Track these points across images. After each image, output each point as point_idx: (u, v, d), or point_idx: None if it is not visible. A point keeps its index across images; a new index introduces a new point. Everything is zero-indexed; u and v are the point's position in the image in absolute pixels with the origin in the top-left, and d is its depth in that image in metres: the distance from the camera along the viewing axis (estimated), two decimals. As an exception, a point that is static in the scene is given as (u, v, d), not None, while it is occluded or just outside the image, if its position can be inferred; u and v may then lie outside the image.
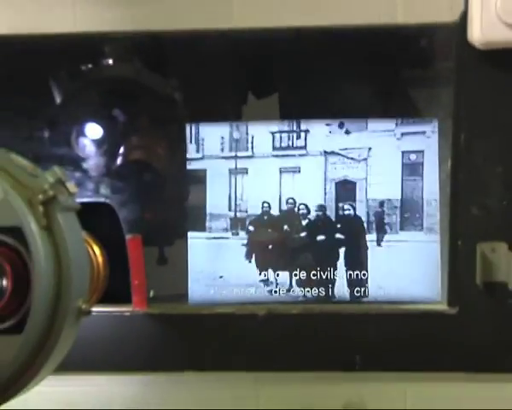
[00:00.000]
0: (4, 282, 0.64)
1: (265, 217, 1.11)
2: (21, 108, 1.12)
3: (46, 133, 1.13)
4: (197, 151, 1.14)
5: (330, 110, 1.11)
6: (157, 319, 1.10)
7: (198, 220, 1.13)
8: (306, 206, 1.11)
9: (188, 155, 1.14)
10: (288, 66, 1.12)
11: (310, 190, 1.11)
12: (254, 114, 1.11)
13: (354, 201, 1.10)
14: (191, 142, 1.13)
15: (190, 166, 1.14)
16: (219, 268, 1.13)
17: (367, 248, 1.09)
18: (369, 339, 1.08)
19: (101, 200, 1.12)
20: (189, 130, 1.14)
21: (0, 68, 1.11)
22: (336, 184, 1.11)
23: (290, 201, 1.11)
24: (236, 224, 1.12)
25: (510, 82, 1.03)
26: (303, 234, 1.10)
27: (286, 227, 1.11)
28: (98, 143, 1.14)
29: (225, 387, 1.13)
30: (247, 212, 1.12)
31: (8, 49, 1.09)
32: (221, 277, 1.12)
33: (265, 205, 1.11)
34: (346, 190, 1.10)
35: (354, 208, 1.10)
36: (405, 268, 1.10)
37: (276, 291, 1.11)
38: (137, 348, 1.11)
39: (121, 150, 1.14)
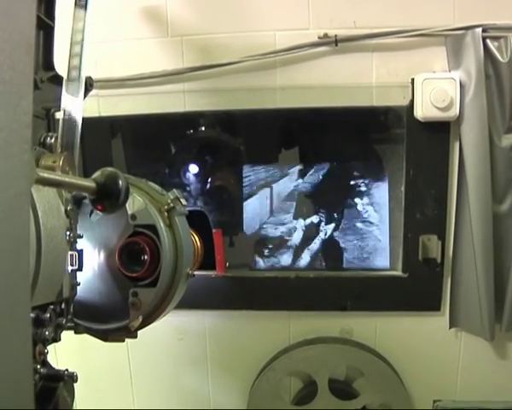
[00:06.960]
0: (146, 256, 1.16)
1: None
2: (153, 156, 1.91)
3: (167, 170, 1.91)
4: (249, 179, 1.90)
5: (327, 157, 1.83)
6: (230, 279, 1.83)
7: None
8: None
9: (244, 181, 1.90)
10: (304, 131, 1.86)
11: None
12: (284, 159, 1.85)
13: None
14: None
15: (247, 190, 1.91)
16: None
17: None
18: (355, 292, 1.80)
19: (199, 209, 1.87)
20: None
21: (139, 134, 1.91)
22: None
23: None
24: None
25: (438, 140, 1.70)
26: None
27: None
28: (196, 175, 1.92)
29: (269, 320, 1.85)
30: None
31: (145, 122, 1.86)
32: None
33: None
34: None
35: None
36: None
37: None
38: (218, 295, 1.84)
39: (209, 180, 1.91)
